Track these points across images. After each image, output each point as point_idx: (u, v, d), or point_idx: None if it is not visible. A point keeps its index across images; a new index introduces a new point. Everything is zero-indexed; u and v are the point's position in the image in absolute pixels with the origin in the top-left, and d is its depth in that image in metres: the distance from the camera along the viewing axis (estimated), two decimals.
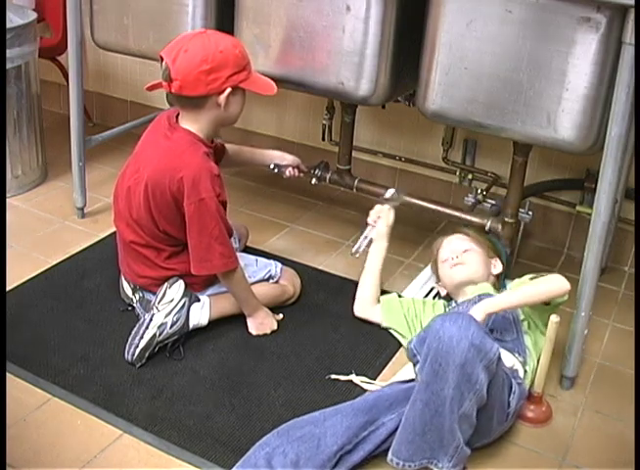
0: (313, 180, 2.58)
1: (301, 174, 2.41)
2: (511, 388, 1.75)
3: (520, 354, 1.86)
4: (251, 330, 2.13)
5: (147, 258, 2.07)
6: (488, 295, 1.97)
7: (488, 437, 1.74)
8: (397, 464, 1.62)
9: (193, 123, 1.99)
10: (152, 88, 2.01)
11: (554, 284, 1.87)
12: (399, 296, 2.21)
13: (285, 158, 2.38)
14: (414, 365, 1.74)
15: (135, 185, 2.02)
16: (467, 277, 2.08)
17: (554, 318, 1.78)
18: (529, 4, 1.77)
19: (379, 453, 1.69)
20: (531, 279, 1.97)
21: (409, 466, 1.62)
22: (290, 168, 2.37)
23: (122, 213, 2.08)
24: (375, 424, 1.67)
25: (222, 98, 1.93)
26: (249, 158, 2.40)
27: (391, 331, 2.14)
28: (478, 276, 2.08)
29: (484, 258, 2.13)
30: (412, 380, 1.77)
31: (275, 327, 2.15)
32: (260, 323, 2.13)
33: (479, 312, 1.77)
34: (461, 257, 2.10)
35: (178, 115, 2.02)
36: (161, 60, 1.92)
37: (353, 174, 2.63)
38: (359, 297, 2.22)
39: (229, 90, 1.92)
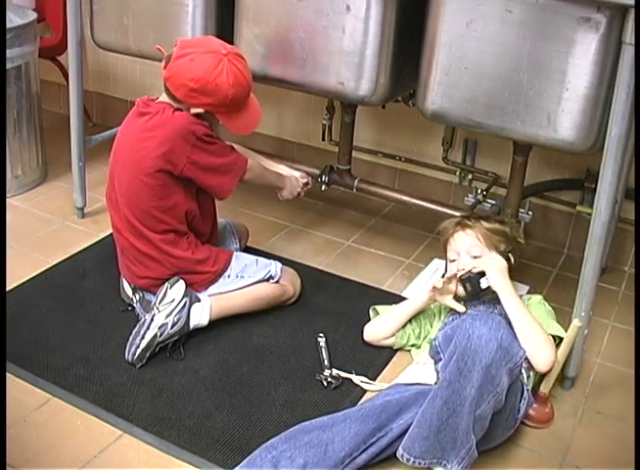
0: (323, 187, 2.60)
1: (309, 186, 2.41)
2: (522, 394, 1.76)
3: (525, 360, 1.85)
4: (285, 196, 2.30)
5: (142, 252, 2.07)
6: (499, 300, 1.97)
7: (493, 442, 1.73)
8: (408, 460, 1.61)
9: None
10: (160, 50, 2.04)
11: (548, 346, 1.80)
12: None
13: (293, 174, 2.36)
14: (435, 363, 1.74)
15: (117, 168, 2.07)
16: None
17: (576, 323, 1.79)
18: (529, 4, 1.77)
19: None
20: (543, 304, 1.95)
21: (419, 463, 1.60)
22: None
23: (114, 203, 2.11)
24: (383, 430, 1.66)
25: (193, 111, 1.99)
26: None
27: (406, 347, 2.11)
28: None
29: None
30: (417, 384, 1.78)
31: (301, 185, 2.32)
32: (290, 186, 2.29)
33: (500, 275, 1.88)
34: (468, 268, 1.97)
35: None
36: (175, 44, 1.98)
37: (353, 174, 2.63)
38: (377, 329, 2.08)
39: (202, 110, 1.99)
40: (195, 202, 2.08)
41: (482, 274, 1.93)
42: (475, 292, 1.94)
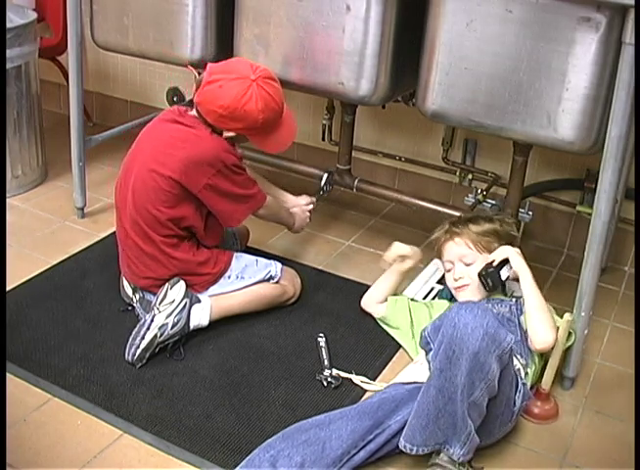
0: (325, 195, 2.61)
1: (314, 208, 2.44)
2: (517, 386, 1.76)
3: (522, 357, 1.85)
4: (296, 230, 2.38)
5: (144, 252, 2.07)
6: (500, 299, 1.98)
7: (491, 437, 1.74)
8: (411, 450, 1.62)
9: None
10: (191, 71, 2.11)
11: (549, 328, 1.83)
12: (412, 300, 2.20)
13: (297, 203, 2.40)
14: (427, 353, 1.74)
15: (135, 169, 2.06)
16: (472, 298, 2.01)
17: (567, 316, 1.80)
18: (529, 4, 1.77)
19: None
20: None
21: (422, 450, 1.62)
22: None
23: (123, 198, 2.10)
24: (381, 427, 1.67)
25: (226, 135, 2.01)
26: None
27: (390, 331, 2.14)
28: (482, 295, 2.02)
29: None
30: (414, 382, 1.78)
31: (308, 213, 2.40)
32: (300, 220, 2.36)
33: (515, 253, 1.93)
34: (465, 276, 2.02)
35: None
36: (204, 67, 2.00)
37: (353, 174, 2.63)
38: (370, 293, 2.22)
39: (234, 133, 2.01)
40: (202, 222, 2.08)
41: (500, 266, 1.95)
42: (497, 285, 1.95)
